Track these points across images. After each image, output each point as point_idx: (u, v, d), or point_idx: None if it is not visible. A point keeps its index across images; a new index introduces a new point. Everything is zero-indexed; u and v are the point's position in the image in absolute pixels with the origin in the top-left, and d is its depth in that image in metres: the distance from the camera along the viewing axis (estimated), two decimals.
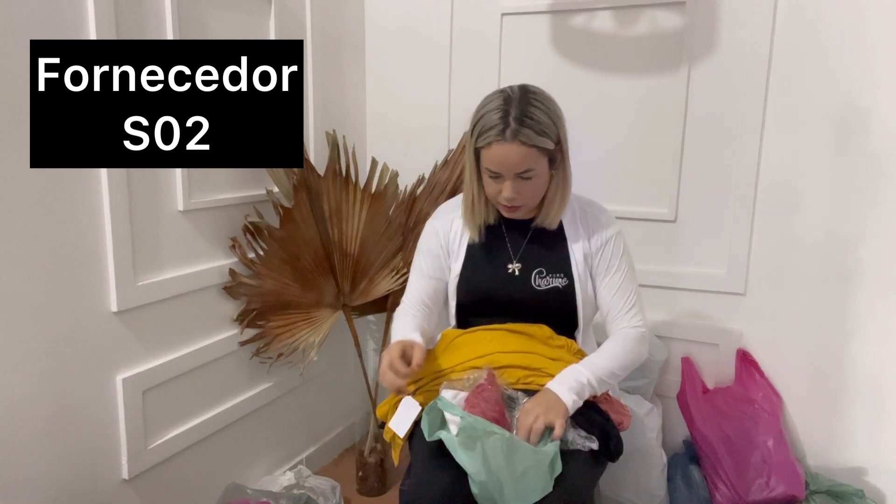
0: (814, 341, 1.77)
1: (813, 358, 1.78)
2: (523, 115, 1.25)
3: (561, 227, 1.43)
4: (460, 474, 1.17)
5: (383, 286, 1.96)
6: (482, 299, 1.43)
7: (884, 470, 1.73)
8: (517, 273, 1.41)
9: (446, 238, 1.47)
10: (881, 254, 1.66)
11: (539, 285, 1.39)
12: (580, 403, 1.24)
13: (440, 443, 1.18)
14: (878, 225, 1.66)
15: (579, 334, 1.44)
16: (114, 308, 1.42)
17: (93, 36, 1.30)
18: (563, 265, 1.40)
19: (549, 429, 1.18)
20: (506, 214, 1.41)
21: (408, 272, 1.95)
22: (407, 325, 1.37)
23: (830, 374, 1.76)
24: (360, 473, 2.05)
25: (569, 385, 1.23)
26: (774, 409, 1.75)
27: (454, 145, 2.07)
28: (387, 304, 2.06)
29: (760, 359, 1.84)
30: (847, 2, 1.62)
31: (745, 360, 1.83)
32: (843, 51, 1.63)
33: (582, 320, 1.42)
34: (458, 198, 1.51)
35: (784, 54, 1.69)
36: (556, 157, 1.34)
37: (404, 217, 2.00)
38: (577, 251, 1.40)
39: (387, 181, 1.93)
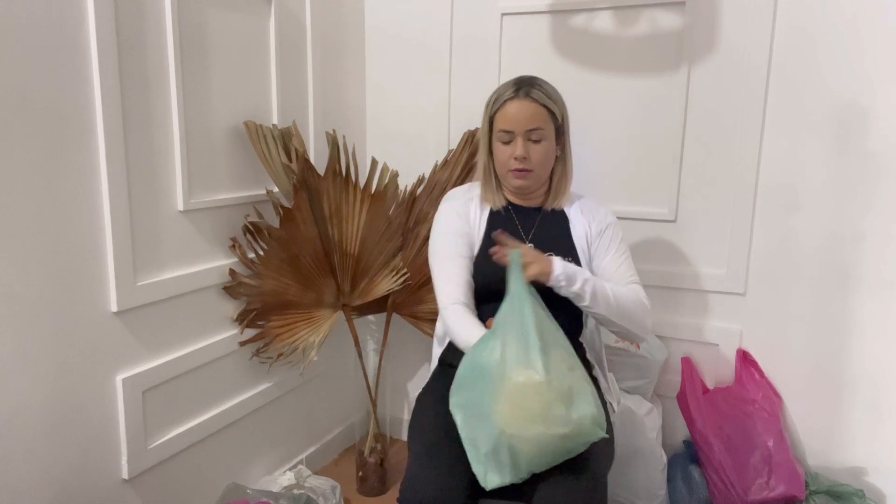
0: (813, 341, 1.77)
1: (813, 358, 1.78)
2: (534, 83, 1.41)
3: (565, 215, 1.51)
4: (455, 470, 1.18)
5: (383, 286, 1.96)
6: (498, 280, 1.36)
7: (884, 470, 1.73)
8: None
9: (466, 218, 1.48)
10: (881, 254, 1.66)
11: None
12: (565, 286, 1.29)
13: (436, 438, 1.24)
14: (877, 225, 1.66)
15: (587, 320, 1.50)
16: (114, 308, 1.42)
17: (93, 35, 1.30)
18: (570, 248, 1.47)
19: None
20: (515, 183, 1.44)
21: (408, 272, 1.96)
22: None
23: (830, 374, 1.76)
24: (360, 473, 2.05)
25: (564, 264, 1.31)
26: (774, 409, 1.76)
27: (454, 145, 2.07)
28: (387, 304, 2.06)
29: (760, 359, 1.84)
30: (847, 2, 1.62)
31: (745, 360, 1.83)
32: (843, 51, 1.63)
33: None
34: (468, 185, 1.59)
35: (784, 54, 1.69)
36: (561, 132, 1.45)
37: (404, 217, 2.00)
38: (580, 236, 1.48)
39: (387, 181, 1.93)
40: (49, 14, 1.23)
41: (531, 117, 1.38)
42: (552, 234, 1.48)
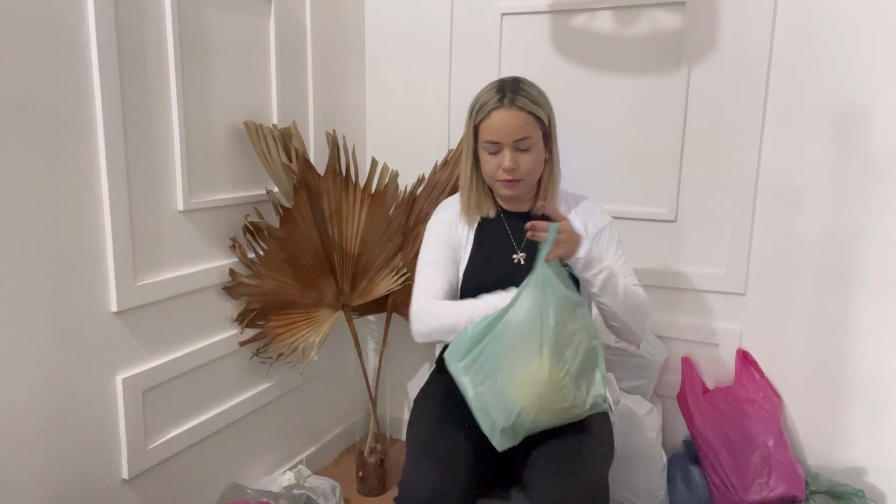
0: (813, 341, 1.77)
1: (813, 358, 1.78)
2: (517, 88, 1.35)
3: None
4: (451, 471, 1.19)
5: (383, 286, 1.96)
6: (489, 288, 1.38)
7: (884, 470, 1.73)
8: (522, 263, 1.42)
9: (455, 230, 1.48)
10: (881, 253, 1.66)
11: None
12: (580, 269, 1.29)
13: (432, 438, 1.27)
14: (877, 225, 1.66)
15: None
16: (114, 308, 1.42)
17: (93, 35, 1.30)
18: None
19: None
20: (504, 193, 1.42)
21: (408, 272, 1.96)
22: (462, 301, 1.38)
23: (830, 374, 1.76)
24: (360, 473, 2.05)
25: (590, 249, 1.32)
26: (774, 409, 1.75)
27: (454, 145, 2.07)
28: (387, 304, 2.06)
29: (760, 359, 1.84)
30: (847, 1, 1.62)
31: (745, 360, 1.83)
32: (843, 50, 1.63)
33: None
34: (456, 195, 1.54)
35: (784, 54, 1.69)
36: (549, 136, 1.40)
37: (404, 217, 2.00)
38: None
39: (387, 181, 1.93)
40: (49, 14, 1.23)
41: (518, 127, 1.33)
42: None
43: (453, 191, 1.97)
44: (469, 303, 1.34)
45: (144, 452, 1.53)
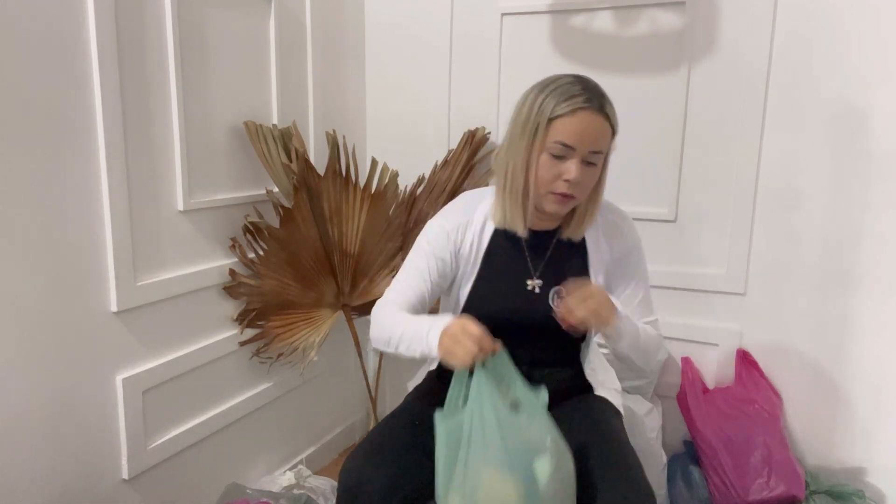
0: (814, 341, 1.77)
1: (813, 358, 1.78)
2: (602, 92, 1.18)
3: (583, 241, 1.28)
4: (375, 466, 1.13)
5: (383, 286, 1.96)
6: (496, 317, 1.17)
7: (884, 470, 1.73)
8: (537, 290, 1.26)
9: (458, 244, 1.27)
10: (880, 254, 1.66)
11: (558, 306, 1.20)
12: (621, 336, 1.15)
13: (384, 436, 1.22)
14: (877, 225, 1.66)
15: (585, 346, 1.37)
16: (114, 308, 1.42)
17: (93, 35, 1.30)
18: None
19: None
20: (551, 208, 1.19)
21: None
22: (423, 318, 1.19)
23: (830, 374, 1.76)
24: None
25: (622, 319, 1.15)
26: (774, 409, 1.76)
27: (454, 145, 2.07)
28: None
29: (760, 359, 1.84)
30: (847, 2, 1.62)
31: (745, 360, 1.84)
32: (843, 51, 1.63)
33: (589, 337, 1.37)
34: (465, 200, 1.33)
35: (784, 54, 1.70)
36: (607, 153, 1.22)
37: (404, 217, 2.00)
38: (598, 269, 1.28)
39: (387, 181, 1.93)
40: (49, 14, 1.23)
41: (598, 137, 1.14)
42: (565, 267, 1.26)
43: (453, 191, 1.98)
44: (405, 322, 1.18)
45: (144, 452, 1.53)
